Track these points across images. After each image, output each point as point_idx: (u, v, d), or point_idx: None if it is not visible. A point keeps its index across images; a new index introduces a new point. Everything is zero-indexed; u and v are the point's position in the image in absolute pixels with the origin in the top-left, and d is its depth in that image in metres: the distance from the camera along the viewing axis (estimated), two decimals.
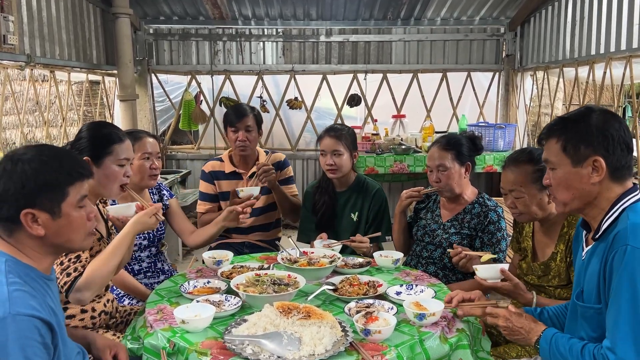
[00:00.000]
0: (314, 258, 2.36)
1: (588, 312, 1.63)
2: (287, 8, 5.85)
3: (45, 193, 1.43)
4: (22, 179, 1.41)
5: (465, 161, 2.63)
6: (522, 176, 2.19)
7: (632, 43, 3.76)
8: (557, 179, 1.67)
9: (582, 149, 1.60)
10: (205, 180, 3.25)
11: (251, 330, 1.70)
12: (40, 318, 1.33)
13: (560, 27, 5.00)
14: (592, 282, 1.61)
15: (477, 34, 6.27)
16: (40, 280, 1.44)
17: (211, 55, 6.24)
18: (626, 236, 1.49)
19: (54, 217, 1.45)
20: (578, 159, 1.61)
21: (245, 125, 3.12)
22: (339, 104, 6.29)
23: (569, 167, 1.63)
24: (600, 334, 1.59)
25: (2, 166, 1.43)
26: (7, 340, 1.27)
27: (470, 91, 6.37)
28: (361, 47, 6.26)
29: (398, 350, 1.67)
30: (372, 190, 2.97)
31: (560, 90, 5.49)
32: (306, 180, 6.43)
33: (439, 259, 2.68)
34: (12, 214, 1.41)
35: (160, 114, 6.80)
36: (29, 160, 1.43)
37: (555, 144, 1.65)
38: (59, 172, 1.46)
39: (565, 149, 1.63)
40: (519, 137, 6.12)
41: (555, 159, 1.66)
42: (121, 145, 2.16)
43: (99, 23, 5.13)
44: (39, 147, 1.52)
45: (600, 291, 1.57)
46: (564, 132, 1.64)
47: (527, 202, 2.19)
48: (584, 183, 1.61)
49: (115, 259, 1.94)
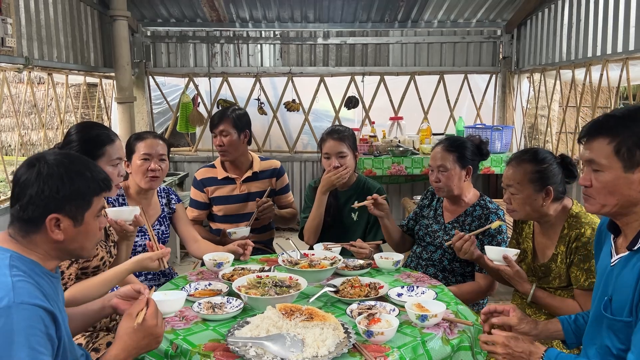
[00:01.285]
0: (314, 260, 2.36)
1: (617, 324, 1.55)
2: (285, 10, 5.86)
3: (75, 200, 1.45)
4: (58, 184, 1.42)
5: (467, 164, 2.63)
6: (521, 174, 2.19)
7: (628, 45, 3.79)
8: (602, 182, 1.55)
9: (638, 155, 1.49)
10: (196, 188, 3.26)
11: (254, 332, 1.70)
12: (44, 308, 1.33)
13: (556, 30, 5.02)
14: (624, 293, 1.53)
15: (474, 36, 6.30)
16: (46, 276, 1.45)
17: (209, 57, 6.24)
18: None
19: (75, 225, 1.46)
20: (631, 164, 1.50)
21: (220, 130, 3.14)
22: (337, 106, 6.30)
23: (620, 172, 1.52)
24: (629, 346, 1.50)
25: (37, 168, 1.43)
26: (12, 329, 1.27)
27: (467, 93, 6.39)
28: (359, 49, 6.27)
29: (401, 352, 1.67)
30: (373, 189, 2.98)
31: (556, 92, 5.51)
32: (304, 183, 6.44)
33: (438, 260, 2.69)
34: (37, 216, 1.42)
35: (157, 116, 6.80)
36: (66, 166, 1.45)
37: (606, 144, 1.52)
38: (90, 182, 1.49)
39: (618, 152, 1.51)
40: (516, 139, 6.14)
41: (605, 161, 1.53)
42: (112, 145, 2.20)
43: (97, 26, 5.12)
44: (69, 154, 1.53)
45: (634, 305, 1.49)
46: (619, 132, 1.51)
47: (520, 200, 2.20)
48: (633, 190, 1.52)
49: (106, 289, 1.97)
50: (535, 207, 2.18)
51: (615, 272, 1.59)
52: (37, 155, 1.49)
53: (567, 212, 2.22)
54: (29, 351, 1.27)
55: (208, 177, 3.24)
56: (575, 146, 5.02)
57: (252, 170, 3.23)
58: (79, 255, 1.58)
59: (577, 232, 2.14)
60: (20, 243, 1.44)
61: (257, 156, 3.32)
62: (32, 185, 1.41)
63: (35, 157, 1.47)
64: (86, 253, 1.55)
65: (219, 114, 3.22)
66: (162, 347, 1.75)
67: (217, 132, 3.16)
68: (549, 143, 6.01)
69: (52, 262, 1.49)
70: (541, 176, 2.16)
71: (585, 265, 2.10)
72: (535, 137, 6.47)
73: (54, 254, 1.48)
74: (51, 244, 1.45)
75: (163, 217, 2.80)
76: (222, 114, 3.19)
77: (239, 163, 3.23)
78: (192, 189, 3.28)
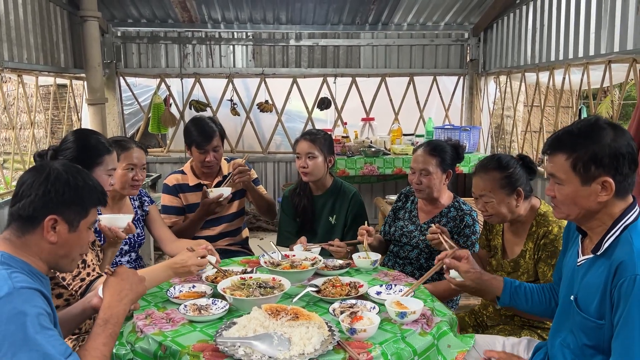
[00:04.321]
0: (296, 261, 2.43)
1: (588, 323, 1.65)
2: (257, 12, 5.89)
3: (76, 206, 1.52)
4: (64, 188, 1.49)
5: (447, 169, 2.75)
6: (491, 183, 2.31)
7: (589, 50, 3.97)
8: (563, 195, 1.66)
9: (593, 170, 1.58)
10: (170, 194, 3.20)
11: (242, 332, 1.76)
12: (40, 291, 1.40)
13: (521, 34, 5.21)
14: (589, 293, 1.64)
15: (443, 39, 6.46)
16: (35, 276, 1.48)
17: (180, 58, 6.22)
18: (634, 266, 1.51)
19: (70, 230, 1.52)
20: (587, 178, 1.59)
21: (213, 147, 3.11)
22: (309, 107, 6.37)
23: (578, 186, 1.62)
24: (596, 343, 1.64)
25: (47, 172, 1.50)
26: (21, 312, 1.31)
27: (436, 94, 6.56)
28: (330, 51, 6.36)
29: (382, 348, 1.75)
30: (349, 194, 3.05)
31: (522, 94, 5.72)
32: (277, 183, 6.49)
33: (415, 259, 2.79)
34: (37, 215, 1.47)
35: (128, 117, 6.74)
36: (73, 174, 1.53)
37: (564, 160, 1.63)
38: (92, 192, 1.57)
39: (574, 168, 1.61)
40: (483, 139, 6.33)
41: (564, 176, 1.64)
42: (110, 155, 2.26)
43: (67, 26, 5.06)
44: (74, 165, 1.61)
45: (601, 307, 1.60)
46: (574, 149, 1.61)
47: (496, 206, 2.31)
48: (591, 201, 1.61)
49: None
50: (510, 209, 2.31)
51: (581, 272, 1.71)
52: (45, 163, 1.58)
53: (536, 211, 2.35)
54: (42, 330, 1.33)
55: (181, 183, 3.21)
56: (540, 144, 5.21)
57: (222, 174, 3.25)
58: (62, 265, 1.60)
59: (544, 230, 2.27)
60: (13, 244, 1.49)
61: (223, 159, 3.31)
62: (40, 186, 1.48)
63: (44, 164, 1.56)
64: (69, 264, 1.60)
65: (205, 130, 3.10)
66: (151, 348, 1.79)
67: (209, 148, 3.09)
68: (514, 142, 6.22)
69: (42, 267, 1.53)
70: (509, 180, 2.29)
71: (552, 261, 2.23)
72: (501, 137, 6.69)
73: (44, 257, 1.52)
74: (43, 246, 1.50)
75: (137, 219, 2.80)
76: (211, 131, 3.10)
77: (213, 169, 3.23)
78: (164, 196, 3.22)
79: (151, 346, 1.80)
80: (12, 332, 1.30)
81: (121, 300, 1.61)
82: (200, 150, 3.10)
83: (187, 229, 3.09)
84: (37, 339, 1.31)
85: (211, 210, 3.01)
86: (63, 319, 1.78)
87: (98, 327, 1.54)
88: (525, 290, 2.02)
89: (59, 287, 2.00)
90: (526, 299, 2.01)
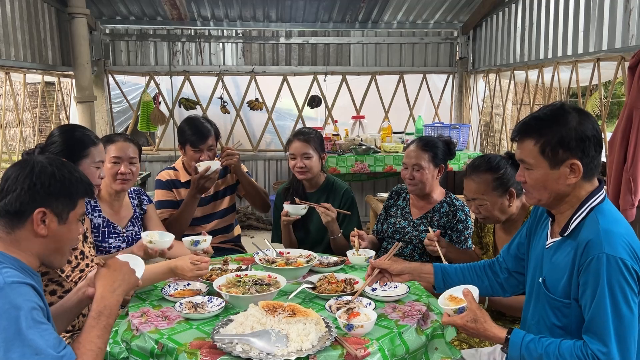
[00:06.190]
0: (290, 258, 2.43)
1: (556, 303, 1.69)
2: (247, 9, 5.87)
3: (63, 198, 1.51)
4: (50, 180, 1.48)
5: (439, 164, 2.78)
6: (483, 186, 2.32)
7: (577, 49, 4.02)
8: (533, 179, 1.69)
9: (561, 153, 1.62)
10: (164, 188, 3.20)
11: (239, 329, 1.76)
12: (33, 286, 1.39)
13: (510, 32, 5.25)
14: (557, 275, 1.68)
15: (432, 37, 6.49)
16: (26, 272, 1.47)
17: (170, 56, 6.18)
18: (601, 244, 1.55)
19: (59, 222, 1.51)
20: (556, 162, 1.63)
21: (208, 146, 3.12)
22: (300, 105, 6.37)
23: (547, 170, 1.65)
24: (565, 323, 1.68)
25: (30, 165, 1.49)
26: (14, 306, 1.31)
27: (425, 92, 6.59)
28: (320, 49, 6.36)
29: (379, 343, 1.76)
30: (341, 190, 3.07)
31: (511, 92, 5.76)
32: (268, 181, 6.48)
33: (409, 255, 2.81)
34: (25, 209, 1.46)
35: (117, 115, 6.70)
36: (57, 166, 1.52)
37: (532, 146, 1.66)
38: (79, 183, 1.55)
39: (543, 152, 1.64)
40: (473, 136, 6.37)
41: (533, 160, 1.67)
42: (97, 147, 2.24)
43: (54, 23, 5.00)
44: (59, 158, 1.59)
45: (567, 287, 1.64)
46: (542, 134, 1.64)
47: (489, 208, 2.33)
48: (560, 184, 1.65)
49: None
50: (503, 210, 2.33)
51: (549, 254, 1.75)
52: (29, 157, 1.55)
53: (527, 208, 2.37)
54: (35, 324, 1.32)
55: (173, 179, 3.23)
56: None
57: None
58: (54, 260, 1.59)
59: None
60: (3, 241, 1.48)
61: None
62: (25, 179, 1.46)
63: (28, 158, 1.53)
64: (60, 258, 1.59)
65: (200, 130, 3.11)
66: (147, 346, 1.78)
67: (204, 147, 3.10)
68: (504, 140, 6.27)
69: (32, 262, 1.52)
70: (501, 182, 2.31)
71: None
72: (490, 134, 6.73)
73: (35, 252, 1.51)
74: (34, 241, 1.49)
75: (135, 218, 2.80)
76: (206, 130, 3.11)
77: None
78: (157, 191, 3.22)
79: (147, 344, 1.79)
80: (5, 327, 1.29)
81: (114, 292, 1.59)
82: (195, 149, 3.11)
83: (181, 214, 3.08)
84: (30, 333, 1.30)
85: (201, 185, 2.99)
86: (58, 313, 1.76)
87: (92, 320, 1.53)
88: (457, 271, 2.04)
89: (52, 284, 1.98)
90: (458, 279, 2.01)
